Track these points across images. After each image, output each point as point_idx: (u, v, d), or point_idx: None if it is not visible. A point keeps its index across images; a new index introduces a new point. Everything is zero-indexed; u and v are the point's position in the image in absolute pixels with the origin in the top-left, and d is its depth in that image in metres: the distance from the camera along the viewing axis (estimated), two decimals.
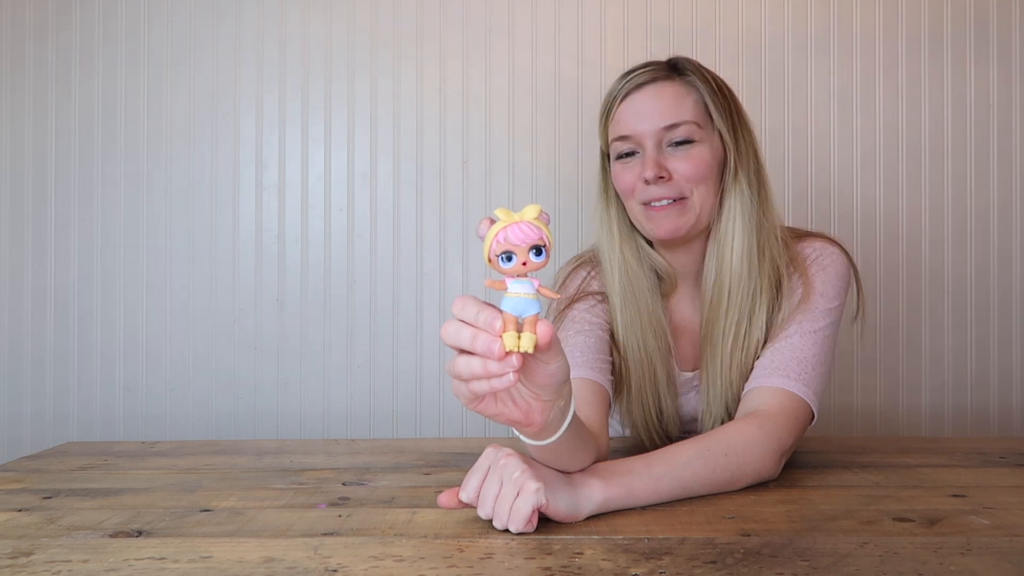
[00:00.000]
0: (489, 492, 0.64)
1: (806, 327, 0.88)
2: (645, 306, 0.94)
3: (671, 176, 0.89)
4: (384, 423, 1.47)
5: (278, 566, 0.55)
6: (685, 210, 0.90)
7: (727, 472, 0.76)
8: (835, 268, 0.92)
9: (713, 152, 0.91)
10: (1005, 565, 0.54)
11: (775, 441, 0.79)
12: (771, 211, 0.92)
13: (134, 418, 1.47)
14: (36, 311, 1.48)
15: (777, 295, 0.91)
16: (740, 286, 0.90)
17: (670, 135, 0.90)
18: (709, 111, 0.91)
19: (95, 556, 0.58)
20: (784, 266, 0.91)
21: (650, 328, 0.94)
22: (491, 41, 1.47)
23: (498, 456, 0.66)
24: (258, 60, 1.48)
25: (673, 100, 0.90)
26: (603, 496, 0.68)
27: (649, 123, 0.90)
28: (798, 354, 0.86)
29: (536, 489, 0.62)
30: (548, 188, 1.46)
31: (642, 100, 0.91)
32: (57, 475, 0.87)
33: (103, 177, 1.48)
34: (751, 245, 0.90)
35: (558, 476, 0.67)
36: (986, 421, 1.44)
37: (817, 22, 1.45)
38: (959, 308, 1.44)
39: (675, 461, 0.75)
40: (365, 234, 1.47)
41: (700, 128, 0.90)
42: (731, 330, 0.90)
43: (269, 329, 1.47)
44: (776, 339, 0.88)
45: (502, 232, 0.52)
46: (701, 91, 0.91)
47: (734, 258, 0.90)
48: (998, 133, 1.45)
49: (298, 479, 0.83)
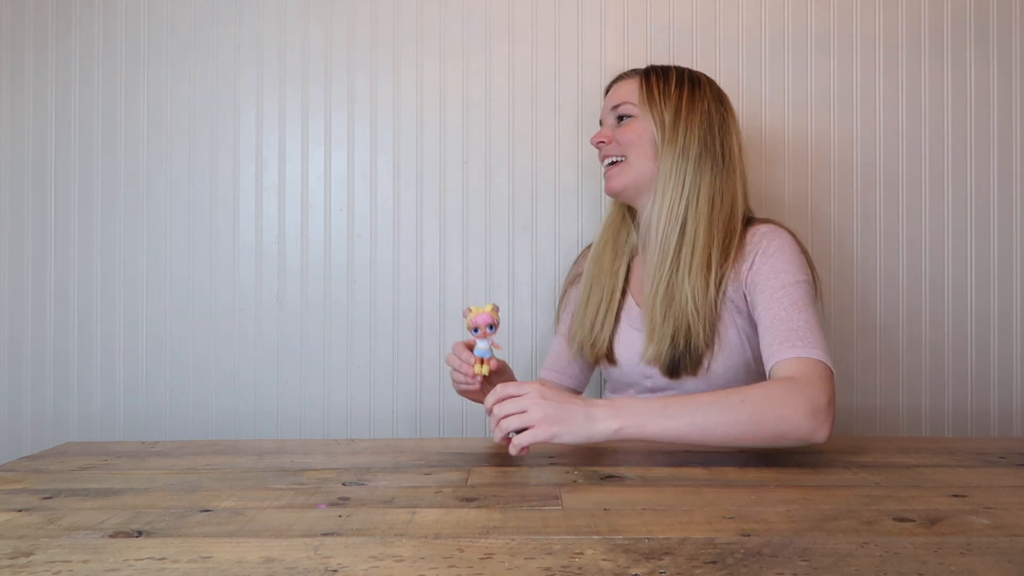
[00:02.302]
0: (504, 409, 0.87)
1: (785, 303, 0.96)
2: (611, 244, 1.20)
3: (612, 140, 1.15)
4: (384, 423, 1.47)
5: (278, 566, 0.55)
6: (625, 169, 1.14)
7: (746, 415, 0.84)
8: (788, 248, 1.03)
9: (646, 126, 1.11)
10: (1005, 565, 0.54)
11: (800, 395, 0.86)
12: (716, 186, 1.07)
13: (134, 418, 1.47)
14: (36, 311, 1.48)
15: (720, 265, 1.05)
16: (660, 237, 1.07)
17: (616, 112, 1.16)
18: (645, 97, 1.12)
19: (95, 556, 0.58)
20: (719, 235, 1.05)
21: (610, 259, 1.20)
22: (491, 41, 1.47)
23: (535, 392, 0.87)
24: (258, 60, 1.48)
25: (623, 88, 1.16)
26: (616, 425, 0.84)
27: (606, 105, 1.19)
28: (791, 325, 0.94)
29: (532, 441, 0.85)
30: (548, 188, 1.46)
31: (610, 92, 1.20)
32: (57, 475, 0.87)
33: (103, 177, 1.48)
34: (675, 203, 1.07)
35: (578, 410, 0.85)
36: (986, 421, 1.44)
37: (817, 22, 1.45)
38: (959, 308, 1.44)
39: (691, 403, 0.86)
40: (365, 234, 1.47)
41: (635, 106, 1.13)
42: (656, 274, 1.07)
43: (269, 329, 1.47)
44: (764, 322, 0.97)
45: (472, 319, 0.97)
46: (642, 82, 1.14)
47: (658, 213, 1.08)
48: (998, 133, 1.45)
49: (298, 479, 0.83)
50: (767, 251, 1.02)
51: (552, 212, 1.46)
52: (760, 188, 1.45)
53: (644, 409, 0.85)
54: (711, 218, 1.06)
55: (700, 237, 1.05)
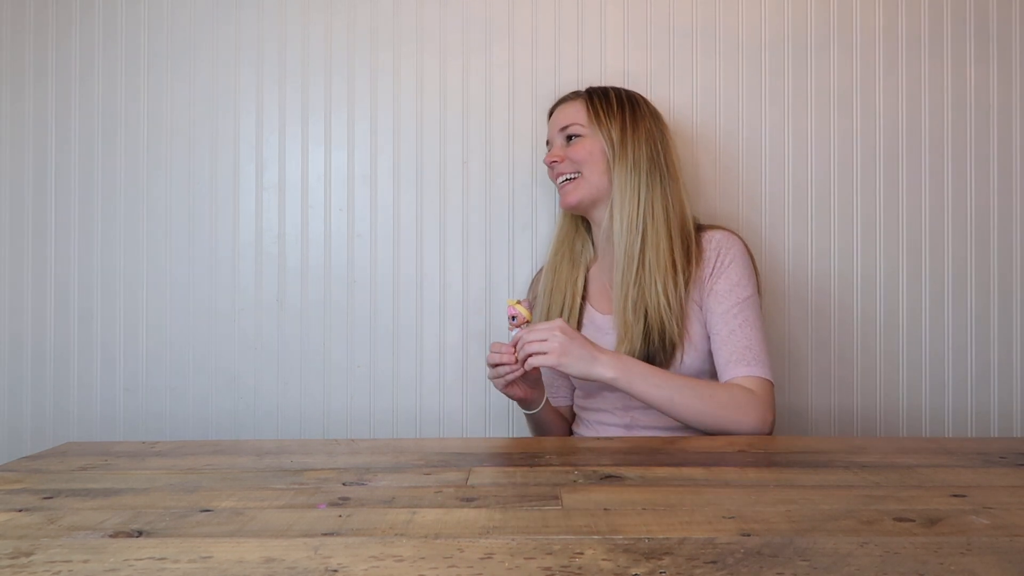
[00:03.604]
0: (529, 337, 1.06)
1: (740, 320, 1.13)
2: (568, 256, 1.29)
3: (564, 159, 1.23)
4: (384, 423, 1.47)
5: (278, 566, 0.55)
6: (580, 185, 1.22)
7: (711, 408, 1.06)
8: (740, 259, 1.17)
9: (596, 143, 1.21)
10: (1005, 565, 0.54)
11: (754, 408, 1.08)
12: (667, 196, 1.18)
13: (134, 418, 1.47)
14: (36, 311, 1.48)
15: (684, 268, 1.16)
16: (624, 245, 1.17)
17: (564, 132, 1.24)
18: (592, 117, 1.22)
19: (95, 556, 0.58)
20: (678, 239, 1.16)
21: (568, 269, 1.28)
22: (491, 41, 1.47)
23: (557, 327, 1.05)
24: (258, 60, 1.48)
25: (568, 111, 1.25)
26: (612, 375, 1.05)
27: (553, 127, 1.28)
28: (745, 343, 1.12)
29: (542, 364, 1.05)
30: (548, 188, 1.46)
31: (554, 115, 1.29)
32: (57, 475, 0.87)
33: (103, 177, 1.48)
34: (633, 211, 1.17)
35: (586, 351, 1.05)
36: (987, 421, 1.44)
37: (817, 22, 1.45)
38: (960, 308, 1.44)
39: (674, 381, 1.08)
40: (365, 234, 1.47)
41: (584, 126, 1.22)
42: (624, 279, 1.16)
43: (269, 329, 1.47)
44: (721, 335, 1.13)
45: (509, 309, 1.13)
46: (587, 104, 1.23)
47: (619, 224, 1.18)
48: (998, 133, 1.45)
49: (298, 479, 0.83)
50: (724, 261, 1.16)
51: (552, 212, 1.46)
52: (760, 188, 1.45)
53: (638, 371, 1.07)
54: (668, 224, 1.17)
55: (662, 242, 1.16)
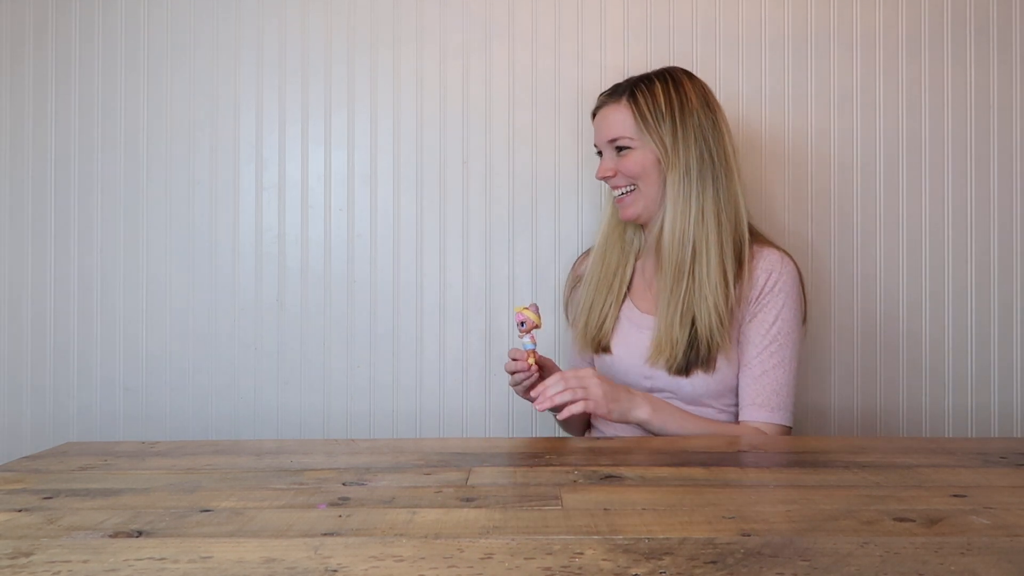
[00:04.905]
0: (570, 384, 1.04)
1: (775, 360, 1.13)
2: (618, 244, 1.26)
3: (616, 173, 1.20)
4: (384, 423, 1.47)
5: (278, 566, 0.55)
6: (638, 198, 1.20)
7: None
8: (790, 289, 1.15)
9: (648, 154, 1.17)
10: (1005, 565, 0.54)
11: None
12: (719, 199, 1.14)
13: (134, 418, 1.47)
14: (36, 311, 1.48)
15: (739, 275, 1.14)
16: (673, 256, 1.14)
17: (614, 144, 1.19)
18: (640, 124, 1.16)
19: (95, 556, 0.58)
20: (729, 247, 1.13)
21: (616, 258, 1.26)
22: (491, 41, 1.47)
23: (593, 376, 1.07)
24: (258, 60, 1.48)
25: (614, 118, 1.19)
26: (646, 417, 1.08)
27: (601, 137, 1.22)
28: (774, 387, 1.13)
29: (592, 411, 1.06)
30: (548, 188, 1.46)
31: (599, 119, 1.23)
32: (57, 475, 0.87)
33: (103, 177, 1.48)
34: (684, 223, 1.14)
35: (625, 396, 1.08)
36: (987, 421, 1.44)
37: (817, 22, 1.45)
38: (960, 308, 1.44)
39: (698, 423, 1.11)
40: (365, 234, 1.47)
41: (633, 138, 1.17)
42: (674, 292, 1.14)
43: (269, 329, 1.47)
44: (754, 372, 1.14)
45: (518, 316, 1.11)
46: (633, 110, 1.17)
47: (669, 233, 1.15)
48: (998, 133, 1.45)
49: (298, 479, 0.83)
50: (773, 289, 1.14)
51: (552, 212, 1.46)
52: (760, 188, 1.45)
53: (667, 411, 1.10)
54: (720, 234, 1.13)
55: (713, 254, 1.13)
